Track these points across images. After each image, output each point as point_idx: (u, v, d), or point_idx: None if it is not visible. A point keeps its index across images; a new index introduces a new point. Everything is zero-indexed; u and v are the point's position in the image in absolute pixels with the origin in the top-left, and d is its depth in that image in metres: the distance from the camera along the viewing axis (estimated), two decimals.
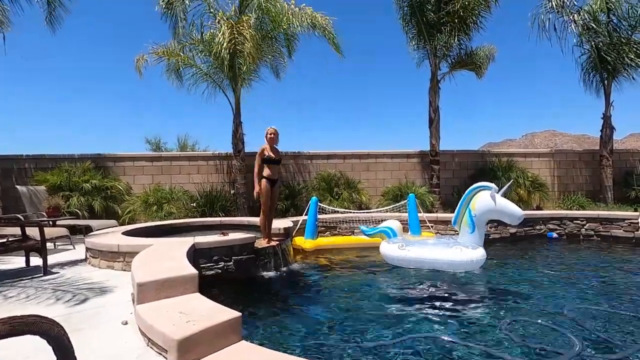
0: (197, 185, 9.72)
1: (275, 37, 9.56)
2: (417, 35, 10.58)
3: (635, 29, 10.32)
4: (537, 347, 2.70)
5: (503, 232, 7.49)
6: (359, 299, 4.03)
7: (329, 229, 7.73)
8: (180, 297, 2.79)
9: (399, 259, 5.16)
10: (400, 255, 5.14)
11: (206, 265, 4.59)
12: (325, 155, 10.90)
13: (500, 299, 3.98)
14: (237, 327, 2.40)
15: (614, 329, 3.08)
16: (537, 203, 10.59)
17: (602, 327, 3.10)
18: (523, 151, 12.56)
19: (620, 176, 11.62)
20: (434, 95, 10.43)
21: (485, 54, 10.94)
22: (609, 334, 2.95)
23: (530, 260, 5.99)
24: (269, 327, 3.20)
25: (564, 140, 32.59)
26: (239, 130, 9.25)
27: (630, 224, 7.17)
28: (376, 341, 2.89)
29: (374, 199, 10.37)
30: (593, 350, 2.65)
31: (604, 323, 3.22)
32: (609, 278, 4.81)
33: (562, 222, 7.79)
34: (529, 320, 3.27)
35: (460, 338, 2.92)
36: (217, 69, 9.33)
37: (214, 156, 10.39)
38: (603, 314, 3.45)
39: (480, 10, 9.93)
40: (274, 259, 5.28)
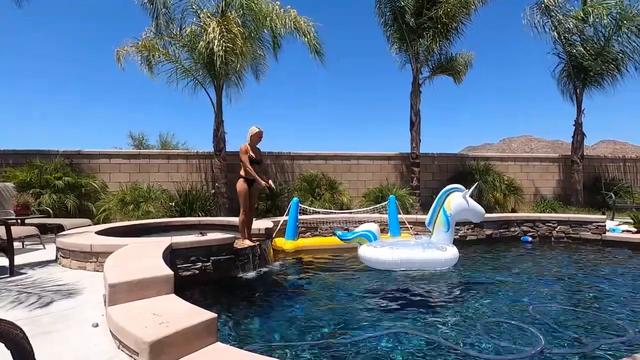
0: (177, 184, 9.53)
1: (259, 38, 9.50)
2: (399, 40, 10.75)
3: (609, 40, 10.82)
4: (503, 344, 2.78)
5: (479, 234, 7.68)
6: (337, 299, 4.05)
7: (310, 229, 7.73)
8: (155, 299, 2.73)
9: (380, 262, 5.20)
10: (380, 257, 5.18)
11: (183, 266, 4.51)
12: (307, 155, 10.91)
13: (472, 297, 4.09)
14: (213, 328, 2.37)
15: (577, 326, 3.22)
16: (513, 206, 10.93)
17: (566, 325, 3.23)
18: (500, 155, 12.95)
19: (590, 181, 12.14)
20: (415, 99, 10.61)
21: (464, 60, 11.23)
22: (572, 331, 3.08)
23: (503, 261, 6.17)
24: (247, 328, 3.17)
25: (539, 145, 33.68)
26: (220, 129, 9.14)
27: (597, 227, 7.49)
28: (352, 338, 2.91)
29: (355, 200, 10.45)
30: (556, 347, 2.76)
31: (568, 321, 3.36)
32: (575, 278, 5.01)
33: (535, 224, 8.06)
34: (498, 319, 3.37)
35: (432, 334, 2.99)
36: (201, 65, 9.19)
37: (194, 155, 10.23)
38: (568, 312, 3.60)
39: (461, 17, 10.18)
40: (254, 259, 5.24)
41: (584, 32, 10.93)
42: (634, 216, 7.80)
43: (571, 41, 10.96)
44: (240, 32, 7.95)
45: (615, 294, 4.27)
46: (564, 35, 10.83)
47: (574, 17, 10.70)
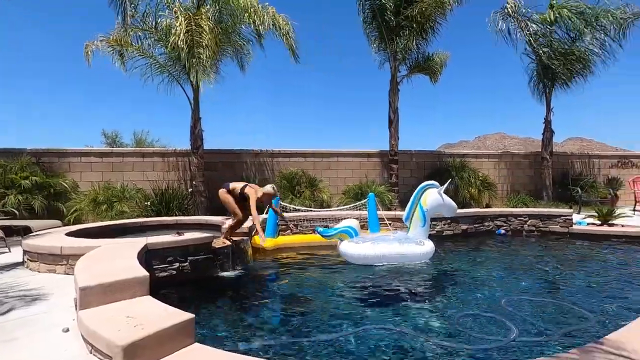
0: (152, 183, 9.28)
1: (238, 32, 9.35)
2: (379, 38, 10.85)
3: (575, 41, 11.31)
4: (478, 335, 2.88)
5: (455, 229, 7.89)
6: (315, 296, 4.07)
7: (290, 227, 7.70)
8: (129, 301, 2.66)
9: (361, 257, 5.27)
10: (361, 253, 5.25)
11: (160, 266, 4.40)
12: (287, 153, 10.87)
13: (448, 290, 4.21)
14: (190, 329, 2.33)
15: (545, 316, 3.37)
16: (487, 201, 11.28)
17: (535, 314, 3.38)
18: (474, 152, 13.32)
19: (559, 177, 12.69)
20: (393, 97, 10.75)
21: (440, 60, 11.45)
22: (540, 320, 3.22)
23: (478, 255, 6.36)
24: (225, 328, 3.14)
25: (512, 142, 34.76)
26: (197, 126, 8.96)
27: (565, 220, 7.85)
28: (329, 334, 2.94)
29: (336, 197, 10.50)
30: (526, 337, 2.88)
31: (538, 311, 3.52)
32: (544, 270, 5.23)
33: (507, 218, 8.35)
34: (473, 311, 3.49)
35: (410, 328, 3.06)
36: (176, 60, 8.96)
37: (170, 152, 9.99)
38: (538, 303, 3.76)
39: (436, 17, 10.37)
40: (232, 258, 5.18)
41: (552, 35, 11.37)
42: (598, 209, 8.22)
43: (538, 43, 11.39)
44: (211, 27, 7.79)
45: (580, 284, 4.50)
46: (530, 38, 11.25)
47: (539, 21, 11.13)
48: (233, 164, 10.38)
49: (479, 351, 2.65)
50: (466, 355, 2.61)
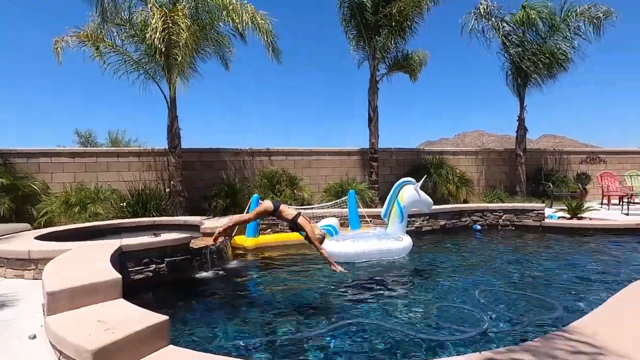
0: (128, 184, 9.02)
1: (216, 30, 9.20)
2: (357, 37, 10.90)
3: (546, 41, 11.69)
4: (453, 326, 2.97)
5: (434, 225, 8.06)
6: (294, 294, 4.07)
7: (270, 226, 7.67)
8: (101, 304, 2.59)
9: (342, 255, 5.31)
10: (342, 251, 5.30)
11: (135, 268, 4.31)
12: (267, 152, 10.80)
13: (425, 283, 4.31)
14: (164, 331, 2.30)
15: (516, 306, 3.50)
16: (464, 197, 11.54)
17: (507, 305, 3.51)
18: (452, 149, 13.61)
19: (532, 172, 13.13)
20: (373, 95, 10.84)
21: (419, 58, 11.60)
22: (512, 311, 3.34)
23: (455, 249, 6.53)
24: (201, 328, 3.10)
25: (490, 140, 35.68)
26: (174, 124, 8.76)
27: (537, 215, 8.14)
28: (307, 331, 2.95)
29: (316, 195, 10.51)
30: (496, 327, 2.98)
31: (509, 301, 3.65)
32: (517, 262, 5.42)
33: (483, 214, 8.59)
34: (448, 303, 3.58)
35: (387, 321, 3.11)
36: (151, 57, 8.73)
37: (147, 152, 9.74)
38: (510, 294, 3.90)
39: (414, 16, 10.51)
40: (211, 258, 5.12)
41: (524, 35, 11.73)
42: (568, 204, 8.57)
43: (511, 42, 11.73)
44: (188, 25, 7.63)
45: (549, 275, 4.69)
46: (504, 38, 11.58)
47: (511, 22, 11.48)
48: (212, 163, 10.23)
49: (451, 342, 2.72)
50: (439, 346, 2.68)
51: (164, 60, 8.03)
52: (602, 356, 1.92)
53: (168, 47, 7.76)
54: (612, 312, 2.57)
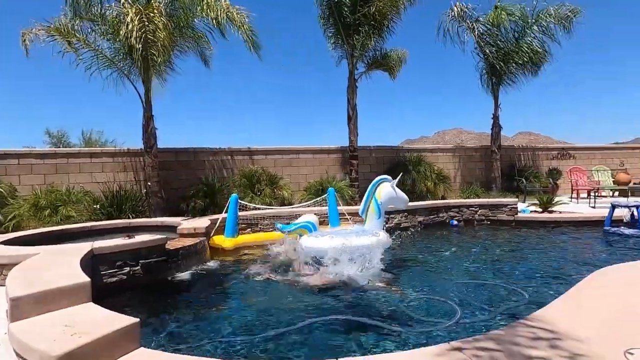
0: (102, 185, 8.75)
1: (192, 26, 9.03)
2: (335, 35, 10.95)
3: (518, 41, 12.06)
4: (428, 318, 3.05)
5: (412, 221, 8.20)
6: (270, 294, 4.05)
7: (250, 225, 7.62)
8: (69, 309, 2.52)
9: (324, 251, 5.35)
10: (321, 247, 5.32)
11: (108, 272, 4.21)
12: (247, 151, 10.71)
13: (402, 278, 4.39)
14: (135, 334, 2.26)
15: (487, 296, 3.63)
16: (442, 193, 11.81)
17: (479, 296, 3.63)
18: (430, 147, 13.88)
19: (507, 169, 13.55)
20: (352, 94, 10.92)
21: (397, 56, 11.77)
22: (483, 301, 3.46)
23: (432, 244, 6.69)
24: (175, 331, 3.06)
25: (469, 137, 36.58)
26: (150, 124, 8.56)
27: (511, 209, 8.42)
28: (282, 328, 2.96)
29: (297, 194, 10.51)
30: (469, 318, 3.08)
31: (481, 292, 3.77)
32: (489, 255, 5.61)
33: (460, 209, 8.82)
34: (424, 296, 3.67)
35: (362, 315, 3.16)
36: (126, 55, 8.50)
37: (122, 152, 9.48)
38: (481, 285, 4.04)
39: (392, 15, 10.65)
40: (188, 259, 5.05)
41: (497, 35, 12.07)
42: (540, 198, 8.91)
43: (485, 42, 12.06)
44: (164, 23, 7.48)
45: (518, 266, 4.87)
46: (478, 38, 11.89)
47: (484, 22, 11.81)
48: (190, 163, 10.07)
49: (424, 333, 2.80)
50: (414, 337, 2.74)
51: (141, 60, 7.81)
52: (560, 341, 2.02)
53: (145, 46, 7.56)
54: (572, 301, 2.70)
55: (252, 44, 8.50)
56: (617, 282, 3.00)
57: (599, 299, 2.71)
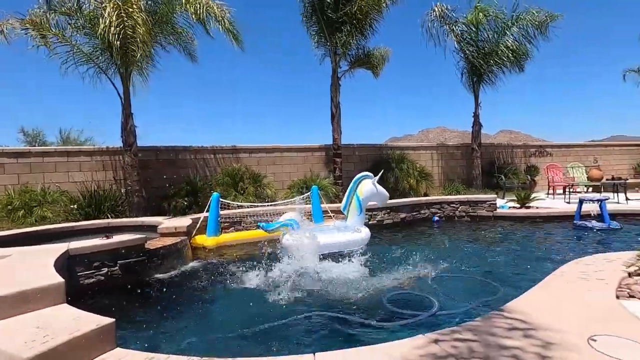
0: (80, 185, 8.52)
1: (172, 22, 8.88)
2: (319, 33, 10.95)
3: (499, 41, 12.31)
4: (406, 311, 3.11)
5: (395, 218, 8.32)
6: (250, 293, 4.01)
7: (233, 224, 7.58)
8: (41, 311, 2.47)
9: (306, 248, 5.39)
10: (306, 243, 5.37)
11: (85, 272, 4.13)
12: (230, 149, 10.62)
13: (381, 273, 4.45)
14: (110, 334, 2.23)
15: (464, 290, 3.73)
16: (425, 191, 11.98)
17: (456, 290, 3.72)
18: (413, 145, 14.06)
19: (487, 166, 13.87)
20: (335, 92, 10.95)
21: (380, 54, 11.86)
22: (459, 294, 3.55)
23: (412, 240, 6.79)
24: (153, 331, 3.03)
25: (452, 135, 37.25)
26: (129, 122, 8.37)
27: (490, 205, 8.64)
28: (260, 326, 2.96)
29: (281, 192, 10.49)
30: (444, 310, 3.16)
31: (458, 286, 3.87)
32: (468, 250, 5.74)
33: (441, 206, 8.99)
34: (403, 290, 3.74)
35: (343, 311, 3.19)
36: (104, 50, 8.28)
37: (100, 151, 9.25)
38: (459, 279, 4.14)
39: (374, 14, 10.71)
40: (169, 259, 4.99)
41: (477, 35, 12.32)
42: (518, 194, 9.17)
43: (465, 43, 12.30)
44: (144, 19, 7.34)
45: (495, 261, 5.01)
46: (459, 38, 12.13)
47: (465, 22, 12.04)
48: (172, 162, 9.90)
49: (402, 327, 2.86)
50: (392, 331, 2.79)
51: (120, 56, 7.62)
52: (532, 331, 2.10)
53: (124, 42, 7.39)
54: (542, 292, 2.81)
55: (234, 37, 8.43)
56: (580, 274, 3.13)
57: (566, 290, 2.83)
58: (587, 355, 1.81)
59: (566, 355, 1.82)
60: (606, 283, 2.91)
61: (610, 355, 1.79)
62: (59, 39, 8.18)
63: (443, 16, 11.79)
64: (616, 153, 16.92)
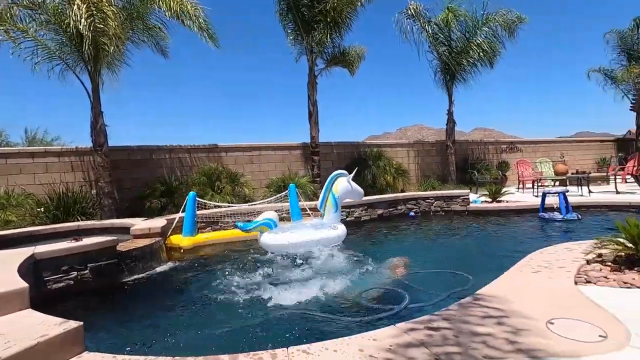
0: (47, 187, 8.18)
1: (144, 19, 8.64)
2: (295, 31, 10.94)
3: (469, 41, 12.68)
4: (378, 306, 3.18)
5: (372, 214, 8.44)
6: (222, 293, 3.94)
7: (210, 224, 7.47)
8: (3, 317, 2.37)
9: (281, 247, 5.40)
10: (281, 242, 5.38)
11: (53, 277, 3.97)
12: (206, 148, 10.46)
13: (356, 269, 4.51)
14: (78, 338, 2.18)
15: (436, 283, 3.84)
16: (402, 187, 12.22)
17: (427, 283, 3.83)
18: (390, 142, 14.30)
19: (461, 162, 14.28)
20: (312, 90, 10.98)
21: (356, 52, 11.98)
22: (431, 287, 3.66)
23: (387, 235, 6.92)
24: (123, 334, 2.96)
25: (429, 133, 38.02)
26: (99, 121, 8.10)
27: (463, 200, 8.91)
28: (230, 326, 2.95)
29: (259, 191, 10.43)
30: (415, 303, 3.25)
31: (430, 280, 3.98)
32: (441, 244, 5.92)
33: (417, 201, 9.18)
34: (375, 286, 3.82)
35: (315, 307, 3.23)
36: (72, 46, 7.96)
37: (68, 151, 8.90)
38: (431, 273, 4.25)
39: (349, 13, 10.80)
40: (143, 261, 4.87)
41: (449, 34, 12.65)
42: (489, 189, 9.49)
43: (438, 42, 12.61)
44: (114, 12, 7.12)
45: (467, 253, 5.19)
46: (432, 37, 12.43)
47: (437, 21, 12.35)
48: (146, 162, 9.66)
49: (378, 321, 2.92)
50: (367, 324, 2.85)
51: (92, 49, 7.33)
52: (507, 318, 2.20)
53: (95, 35, 7.12)
54: (508, 281, 2.95)
55: (208, 35, 8.31)
56: (544, 263, 3.31)
57: (530, 278, 2.97)
58: (545, 338, 1.92)
59: (529, 340, 1.92)
60: (567, 271, 3.08)
61: (565, 336, 1.91)
62: (24, 35, 7.80)
63: (417, 14, 12.02)
64: (582, 148, 17.79)
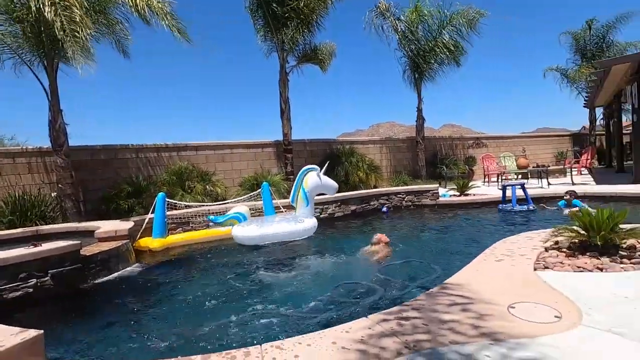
0: (1, 190, 7.66)
1: (107, 13, 8.22)
2: (265, 27, 10.81)
3: (436, 39, 13.03)
4: (352, 300, 3.23)
5: (345, 210, 8.53)
6: (191, 294, 3.88)
7: (181, 225, 7.27)
8: None
9: (250, 238, 5.48)
10: (249, 235, 5.46)
11: (9, 285, 3.75)
12: (175, 147, 10.15)
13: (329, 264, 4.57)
14: (39, 348, 2.07)
15: (406, 274, 3.96)
16: (374, 183, 12.41)
17: (399, 275, 3.94)
18: (362, 139, 14.47)
19: (431, 157, 14.70)
20: (283, 87, 10.90)
21: (327, 49, 12.00)
22: (402, 278, 3.77)
23: (359, 230, 7.03)
24: (88, 340, 2.85)
25: (401, 130, 38.80)
26: (58, 119, 7.64)
27: (433, 194, 9.19)
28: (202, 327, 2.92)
29: (232, 189, 10.27)
30: (389, 294, 3.34)
31: (401, 271, 4.10)
32: (410, 238, 6.09)
33: (389, 197, 9.38)
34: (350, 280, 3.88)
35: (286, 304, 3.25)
36: (29, 38, 7.45)
37: (25, 152, 8.37)
38: (402, 265, 4.38)
39: (320, 10, 10.80)
40: (109, 265, 4.69)
41: (417, 33, 12.95)
42: (457, 183, 9.84)
43: (407, 40, 12.90)
44: (79, 2, 6.73)
45: (435, 244, 5.38)
46: (401, 35, 12.69)
47: (406, 20, 12.63)
48: (111, 162, 9.25)
49: (350, 313, 2.97)
50: (338, 319, 2.89)
51: (63, 36, 6.86)
52: (472, 305, 2.29)
53: (62, 22, 6.67)
54: (473, 270, 3.08)
55: (178, 30, 8.03)
56: (506, 251, 3.49)
57: (494, 265, 3.13)
58: (506, 321, 2.03)
59: (492, 324, 2.02)
60: (527, 258, 3.26)
61: (525, 319, 2.03)
62: None
63: (388, 11, 12.20)
64: (542, 143, 18.79)
